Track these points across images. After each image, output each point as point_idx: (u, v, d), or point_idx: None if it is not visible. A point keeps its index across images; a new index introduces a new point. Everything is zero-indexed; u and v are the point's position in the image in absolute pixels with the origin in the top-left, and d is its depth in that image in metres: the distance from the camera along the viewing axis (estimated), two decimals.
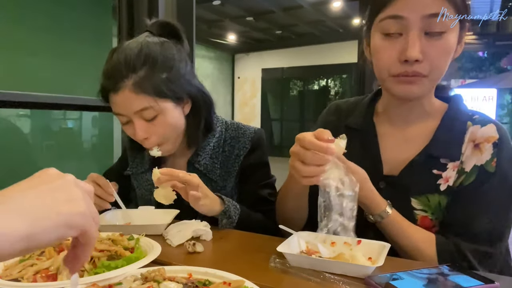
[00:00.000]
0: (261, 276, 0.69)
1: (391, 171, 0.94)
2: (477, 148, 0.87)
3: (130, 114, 1.02)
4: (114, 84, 1.00)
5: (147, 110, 1.00)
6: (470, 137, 0.89)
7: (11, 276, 0.66)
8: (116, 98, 1.01)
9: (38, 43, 2.02)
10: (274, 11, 8.87)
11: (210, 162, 1.16)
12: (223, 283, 0.60)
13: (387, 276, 0.66)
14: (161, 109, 1.02)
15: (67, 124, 2.75)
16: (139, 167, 1.24)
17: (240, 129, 1.20)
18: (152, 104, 1.00)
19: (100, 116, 2.56)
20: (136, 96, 0.99)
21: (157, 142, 1.06)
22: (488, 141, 0.87)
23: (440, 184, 0.89)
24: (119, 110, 1.03)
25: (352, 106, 1.08)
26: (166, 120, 1.04)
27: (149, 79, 1.00)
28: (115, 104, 1.03)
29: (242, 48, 12.25)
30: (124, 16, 1.89)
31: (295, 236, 0.83)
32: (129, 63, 1.00)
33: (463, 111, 0.93)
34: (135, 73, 0.99)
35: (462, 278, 0.65)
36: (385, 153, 0.96)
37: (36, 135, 2.30)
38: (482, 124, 0.89)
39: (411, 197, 0.90)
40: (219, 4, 8.35)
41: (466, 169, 0.87)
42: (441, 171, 0.89)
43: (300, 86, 12.74)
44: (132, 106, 1.00)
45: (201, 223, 0.95)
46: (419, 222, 0.89)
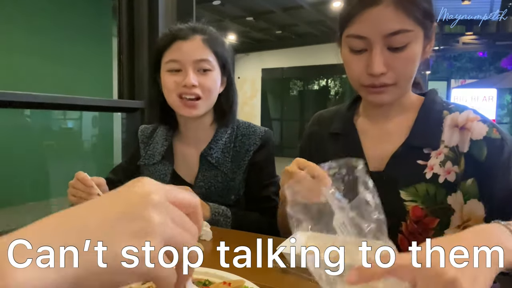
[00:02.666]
0: (261, 276, 0.69)
1: (377, 167, 0.96)
2: (464, 129, 0.90)
3: (189, 62, 1.15)
4: (185, 34, 1.17)
5: (205, 62, 1.17)
6: (451, 124, 0.92)
7: None
8: (184, 44, 1.16)
9: (38, 43, 2.02)
10: (274, 11, 8.87)
11: (222, 156, 1.23)
12: (223, 283, 0.60)
13: None
14: (215, 67, 1.19)
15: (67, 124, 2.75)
16: (151, 159, 1.30)
17: (251, 128, 1.29)
18: (211, 59, 1.18)
19: (100, 116, 2.57)
20: (203, 47, 1.17)
21: (200, 93, 1.16)
22: (472, 120, 0.90)
23: (425, 173, 0.91)
24: (179, 56, 1.16)
25: (333, 114, 1.12)
26: (214, 78, 1.19)
27: (214, 41, 1.19)
28: (179, 50, 1.16)
29: (242, 48, 12.25)
30: (124, 16, 1.89)
31: (295, 236, 0.83)
32: (201, 27, 1.20)
33: (438, 102, 0.97)
34: (205, 34, 1.19)
35: None
36: (368, 151, 0.99)
37: (36, 135, 2.30)
38: (459, 111, 0.93)
39: (400, 189, 0.91)
40: (219, 4, 8.35)
41: (463, 150, 0.89)
42: (425, 161, 0.91)
43: (300, 86, 12.73)
44: (197, 54, 1.16)
45: (201, 223, 0.95)
46: (410, 213, 0.91)
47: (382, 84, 0.87)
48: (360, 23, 0.85)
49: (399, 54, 0.85)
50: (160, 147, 1.30)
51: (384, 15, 0.83)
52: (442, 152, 0.91)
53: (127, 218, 0.34)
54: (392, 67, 0.86)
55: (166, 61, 1.18)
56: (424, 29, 0.86)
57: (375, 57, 0.84)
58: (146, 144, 1.35)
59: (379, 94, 0.90)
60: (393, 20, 0.83)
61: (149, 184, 0.37)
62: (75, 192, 1.06)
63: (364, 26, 0.85)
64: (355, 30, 0.86)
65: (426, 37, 0.88)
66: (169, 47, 1.18)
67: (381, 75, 0.86)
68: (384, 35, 0.83)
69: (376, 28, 0.83)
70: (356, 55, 0.89)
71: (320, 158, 1.04)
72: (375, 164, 0.96)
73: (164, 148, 1.29)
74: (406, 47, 0.84)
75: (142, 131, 1.40)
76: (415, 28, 0.84)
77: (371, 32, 0.84)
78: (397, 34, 0.83)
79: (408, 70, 0.87)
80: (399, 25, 0.83)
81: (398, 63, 0.85)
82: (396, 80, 0.87)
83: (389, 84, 0.88)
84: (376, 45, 0.84)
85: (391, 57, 0.85)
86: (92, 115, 2.67)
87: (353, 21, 0.86)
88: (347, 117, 1.06)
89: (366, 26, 0.85)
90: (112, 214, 0.34)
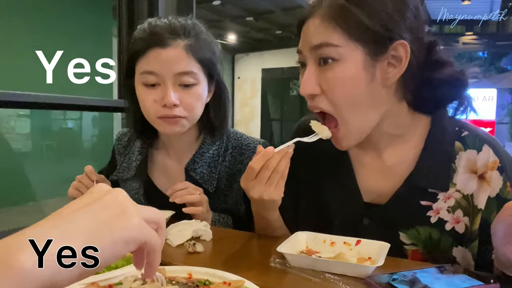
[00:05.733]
0: (261, 276, 0.69)
1: (374, 199, 0.87)
2: (482, 179, 0.80)
3: (168, 75, 0.97)
4: (165, 39, 0.97)
5: (189, 75, 0.99)
6: (466, 166, 0.81)
7: None
8: (162, 53, 0.97)
9: (38, 43, 2.02)
10: (274, 11, 8.86)
11: (208, 171, 1.10)
12: (223, 283, 0.60)
13: (387, 276, 0.66)
14: (200, 79, 1.01)
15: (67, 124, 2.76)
16: (125, 172, 1.18)
17: (243, 140, 1.14)
18: (197, 71, 1.00)
19: (100, 116, 2.57)
20: (186, 56, 0.98)
21: (181, 113, 1.01)
22: (492, 168, 0.79)
23: (430, 216, 0.82)
24: (156, 68, 0.97)
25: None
26: (199, 93, 1.02)
27: (199, 47, 1.01)
28: (156, 60, 0.98)
29: (242, 48, 12.23)
30: (124, 16, 1.89)
31: (295, 236, 0.83)
32: (184, 27, 1.01)
33: (448, 130, 0.83)
34: (189, 37, 1.00)
35: (462, 278, 0.65)
36: (364, 184, 0.88)
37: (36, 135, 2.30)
38: (477, 149, 0.81)
39: (399, 231, 0.84)
40: (219, 4, 8.35)
41: (480, 206, 0.79)
42: (430, 202, 0.82)
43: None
44: (179, 66, 0.97)
45: (201, 223, 0.95)
46: (410, 257, 0.84)
47: (319, 109, 0.82)
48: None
49: (327, 73, 0.77)
50: (133, 161, 1.16)
51: (312, 27, 0.78)
52: (452, 196, 0.81)
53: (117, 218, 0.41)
54: (324, 88, 0.78)
55: (141, 72, 0.99)
56: (365, 47, 0.74)
57: (305, 73, 0.80)
58: (123, 154, 1.22)
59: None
60: (318, 32, 0.77)
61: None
62: (79, 186, 1.03)
63: (300, 40, 0.82)
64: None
65: (379, 57, 0.75)
66: (144, 55, 0.99)
67: (315, 97, 0.81)
68: (311, 48, 0.78)
69: (306, 40, 0.79)
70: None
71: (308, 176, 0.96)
72: (372, 196, 0.87)
73: (137, 163, 1.15)
74: (333, 65, 0.76)
75: (119, 139, 1.24)
76: (345, 44, 0.74)
77: (302, 45, 0.81)
78: (321, 48, 0.77)
79: (340, 93, 0.77)
80: (322, 37, 0.76)
81: (327, 84, 0.78)
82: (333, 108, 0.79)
83: (325, 110, 0.81)
84: (308, 60, 0.80)
85: (321, 75, 0.78)
86: (92, 115, 2.67)
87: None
88: None
89: (302, 39, 0.81)
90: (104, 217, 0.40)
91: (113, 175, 1.19)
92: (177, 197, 0.97)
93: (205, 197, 1.02)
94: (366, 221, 0.87)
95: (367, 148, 0.88)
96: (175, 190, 0.99)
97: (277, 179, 0.80)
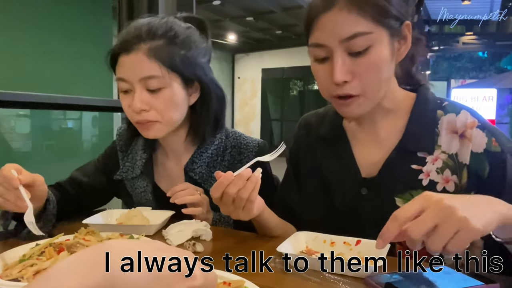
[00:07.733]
0: (261, 276, 0.69)
1: (370, 173, 0.92)
2: (464, 137, 0.86)
3: (135, 81, 0.98)
4: (129, 45, 0.97)
5: (154, 79, 0.97)
6: (448, 127, 0.88)
7: (11, 276, 0.66)
8: (126, 59, 0.98)
9: (38, 43, 2.02)
10: (274, 11, 8.87)
11: (207, 171, 1.10)
12: (223, 283, 0.60)
13: (387, 276, 0.66)
14: (168, 82, 0.99)
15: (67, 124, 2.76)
16: (130, 172, 1.17)
17: (242, 139, 1.15)
18: (162, 74, 0.97)
19: (100, 116, 2.57)
20: (148, 60, 0.97)
21: (153, 117, 1.00)
22: (471, 127, 0.86)
23: (422, 179, 0.87)
24: (124, 74, 0.99)
25: (321, 117, 1.06)
26: (169, 96, 1.00)
27: (165, 49, 0.98)
28: (123, 66, 0.99)
29: (242, 48, 12.24)
30: (124, 16, 1.89)
31: (295, 236, 0.83)
32: (150, 29, 0.99)
33: (430, 100, 0.92)
34: (154, 40, 0.98)
35: (462, 278, 0.65)
36: (360, 156, 0.95)
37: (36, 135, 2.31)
38: (456, 112, 0.89)
39: (395, 196, 0.88)
40: (219, 4, 8.35)
41: (464, 162, 0.85)
42: (420, 166, 0.88)
43: (300, 86, 12.72)
44: (141, 71, 0.97)
45: (201, 223, 0.95)
46: None
47: (347, 94, 0.83)
48: (317, 31, 0.82)
49: (361, 59, 0.80)
50: (138, 160, 1.16)
51: (338, 19, 0.79)
52: (439, 158, 0.87)
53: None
54: (356, 74, 0.81)
55: (115, 79, 1.02)
56: (388, 29, 0.81)
57: (336, 64, 0.80)
58: (125, 153, 1.20)
59: (347, 106, 0.85)
60: (348, 23, 0.78)
61: None
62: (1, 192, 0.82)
63: (321, 33, 0.81)
64: (313, 38, 0.83)
65: (395, 37, 0.83)
66: (116, 62, 1.01)
67: (345, 84, 0.81)
68: (341, 40, 0.79)
69: (332, 33, 0.80)
70: (320, 64, 0.85)
71: (309, 163, 1.03)
72: (367, 171, 0.93)
73: (142, 161, 1.15)
74: (367, 51, 0.79)
75: (120, 135, 1.23)
76: (374, 29, 0.79)
77: (328, 39, 0.80)
78: (355, 38, 0.78)
79: (374, 76, 0.82)
80: (355, 28, 0.78)
81: (362, 69, 0.81)
82: (362, 90, 0.82)
83: (355, 95, 0.83)
84: (335, 52, 0.80)
85: (353, 63, 0.80)
86: (92, 115, 2.66)
87: (311, 29, 0.83)
88: (336, 120, 1.00)
89: (323, 33, 0.81)
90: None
91: (117, 174, 1.18)
92: (177, 198, 0.97)
93: (205, 198, 1.02)
94: (364, 191, 0.92)
95: (364, 122, 0.96)
96: (175, 191, 0.99)
97: (243, 204, 0.83)
